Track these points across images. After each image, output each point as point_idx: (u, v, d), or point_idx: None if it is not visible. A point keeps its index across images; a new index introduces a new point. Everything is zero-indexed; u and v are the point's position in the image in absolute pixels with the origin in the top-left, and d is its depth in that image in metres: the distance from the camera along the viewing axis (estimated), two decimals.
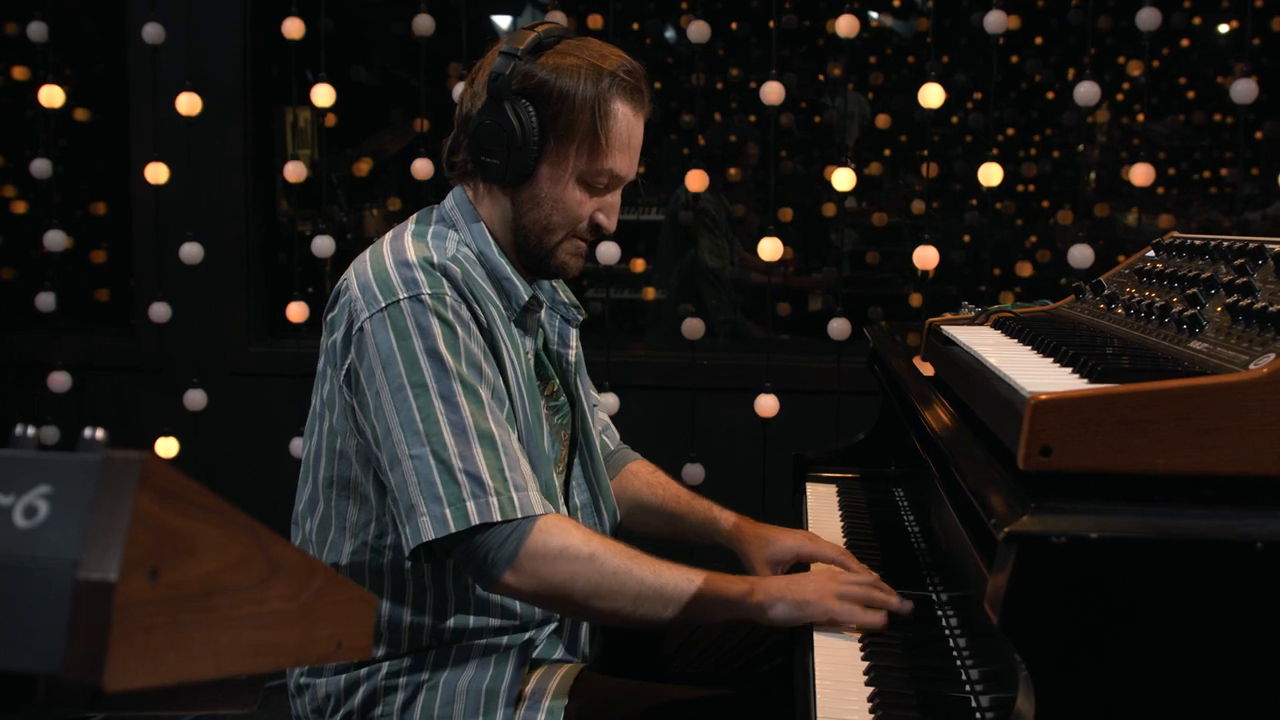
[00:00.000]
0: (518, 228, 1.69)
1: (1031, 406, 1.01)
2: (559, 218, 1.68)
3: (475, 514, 1.49)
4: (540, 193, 1.66)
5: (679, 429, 3.40)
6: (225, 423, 3.73)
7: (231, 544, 0.68)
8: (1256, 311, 1.13)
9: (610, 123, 1.64)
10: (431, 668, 1.65)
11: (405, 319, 1.54)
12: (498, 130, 1.62)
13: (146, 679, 0.59)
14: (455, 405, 1.52)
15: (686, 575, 1.57)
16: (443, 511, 1.49)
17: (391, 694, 1.65)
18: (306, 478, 1.72)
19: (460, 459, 1.51)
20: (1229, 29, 5.46)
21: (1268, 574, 0.93)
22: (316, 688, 1.69)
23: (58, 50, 3.64)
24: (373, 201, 5.21)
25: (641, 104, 1.69)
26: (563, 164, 1.65)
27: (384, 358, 1.54)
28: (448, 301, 1.56)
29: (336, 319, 1.63)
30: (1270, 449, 0.99)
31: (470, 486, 1.50)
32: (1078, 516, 0.95)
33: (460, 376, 1.54)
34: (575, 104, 1.62)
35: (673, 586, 1.56)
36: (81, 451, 0.61)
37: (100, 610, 0.56)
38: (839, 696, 1.39)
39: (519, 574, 1.51)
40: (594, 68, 1.63)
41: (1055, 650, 0.96)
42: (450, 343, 1.54)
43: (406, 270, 1.58)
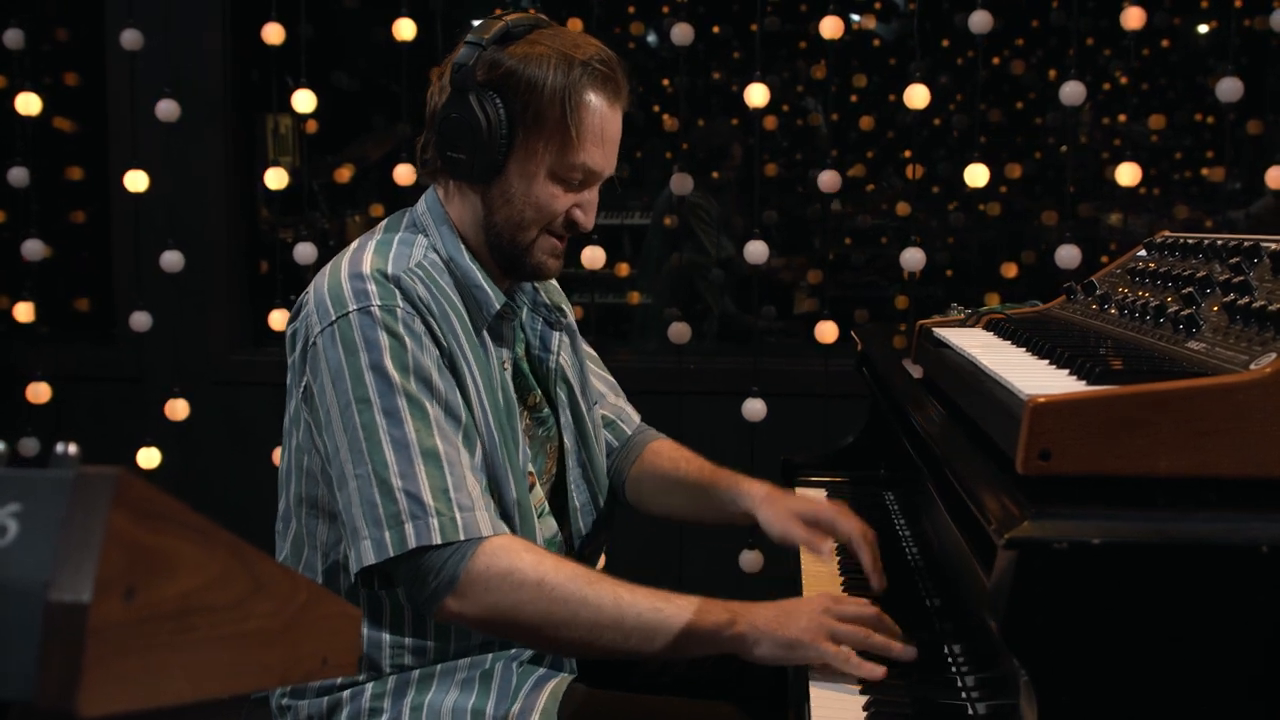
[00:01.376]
0: (489, 226, 1.61)
1: (1030, 409, 0.99)
2: (531, 214, 1.60)
3: (413, 537, 1.43)
4: (511, 189, 1.59)
5: (666, 433, 3.37)
6: (207, 432, 3.69)
7: (210, 561, 0.65)
8: (1255, 311, 1.12)
9: (582, 114, 1.56)
10: (415, 688, 1.60)
11: (353, 332, 1.49)
12: (463, 124, 1.55)
13: (123, 704, 0.57)
14: (399, 421, 1.46)
15: (654, 604, 1.45)
16: (381, 535, 1.43)
17: (375, 717, 1.60)
18: (281, 494, 1.68)
19: (400, 478, 1.44)
20: (1209, 29, 5.48)
21: (1273, 578, 0.92)
22: (299, 710, 1.65)
23: (34, 58, 3.60)
24: (355, 208, 5.18)
25: (616, 95, 1.60)
26: (534, 158, 1.57)
27: (333, 373, 1.49)
28: (398, 314, 1.50)
29: (296, 334, 1.59)
30: (1273, 450, 0.97)
31: (409, 507, 1.43)
32: (1079, 521, 0.93)
33: (405, 391, 1.47)
34: (544, 94, 1.54)
35: (635, 616, 1.44)
36: (53, 467, 0.58)
37: (73, 633, 0.54)
38: (833, 704, 1.37)
39: (461, 600, 1.44)
40: (565, 56, 1.55)
41: (1057, 658, 0.94)
42: (398, 356, 1.48)
43: (359, 282, 1.52)
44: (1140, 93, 5.51)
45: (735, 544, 3.26)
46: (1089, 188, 5.42)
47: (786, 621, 1.44)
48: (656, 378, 3.51)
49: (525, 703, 1.59)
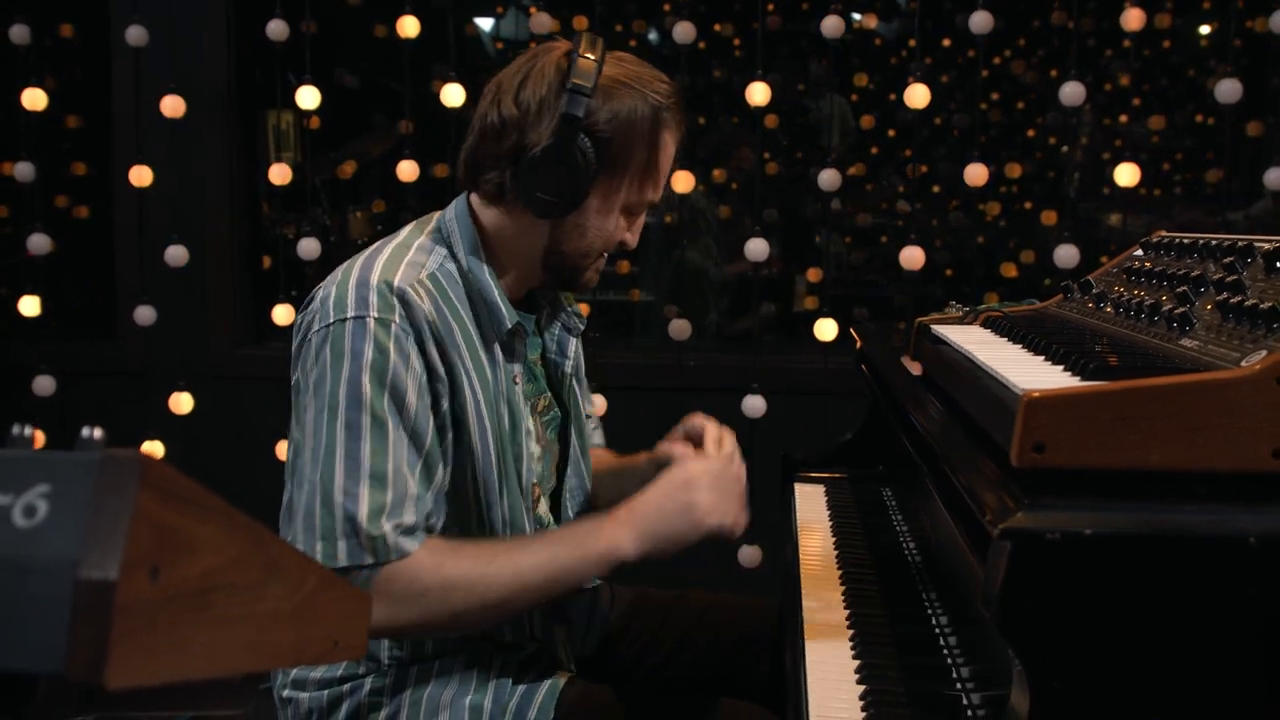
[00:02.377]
0: (554, 252, 1.66)
1: (1025, 404, 1.01)
2: (600, 244, 1.66)
3: (344, 554, 1.47)
4: (586, 222, 1.63)
5: (666, 430, 3.39)
6: (210, 426, 3.71)
7: (229, 543, 0.67)
8: (1247, 309, 1.14)
9: (661, 155, 1.64)
10: (414, 684, 1.63)
11: (344, 339, 1.51)
12: (560, 169, 1.57)
13: (147, 677, 0.59)
14: (357, 436, 1.49)
15: (548, 551, 1.54)
16: (315, 544, 1.47)
17: (375, 710, 1.62)
18: (286, 484, 1.69)
19: (343, 493, 1.47)
20: (1210, 30, 5.50)
21: (1262, 569, 0.94)
22: (300, 701, 1.67)
23: (40, 53, 3.62)
24: (357, 204, 5.20)
25: (683, 128, 1.68)
26: (613, 196, 1.63)
27: (316, 375, 1.52)
28: (391, 329, 1.52)
29: (299, 326, 1.61)
30: (1262, 445, 0.99)
31: (343, 525, 1.47)
32: (1072, 513, 0.95)
33: (372, 409, 1.49)
34: (633, 140, 1.60)
35: (534, 574, 1.52)
36: (80, 451, 0.60)
37: (101, 609, 0.56)
38: (831, 695, 1.39)
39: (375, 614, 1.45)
40: (646, 100, 1.60)
41: (1050, 647, 0.96)
42: (377, 370, 1.50)
43: (364, 290, 1.54)
44: (1142, 93, 5.53)
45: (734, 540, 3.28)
46: (1090, 188, 5.45)
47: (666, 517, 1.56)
48: (657, 374, 3.53)
49: (523, 699, 1.62)
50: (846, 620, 1.65)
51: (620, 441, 2.19)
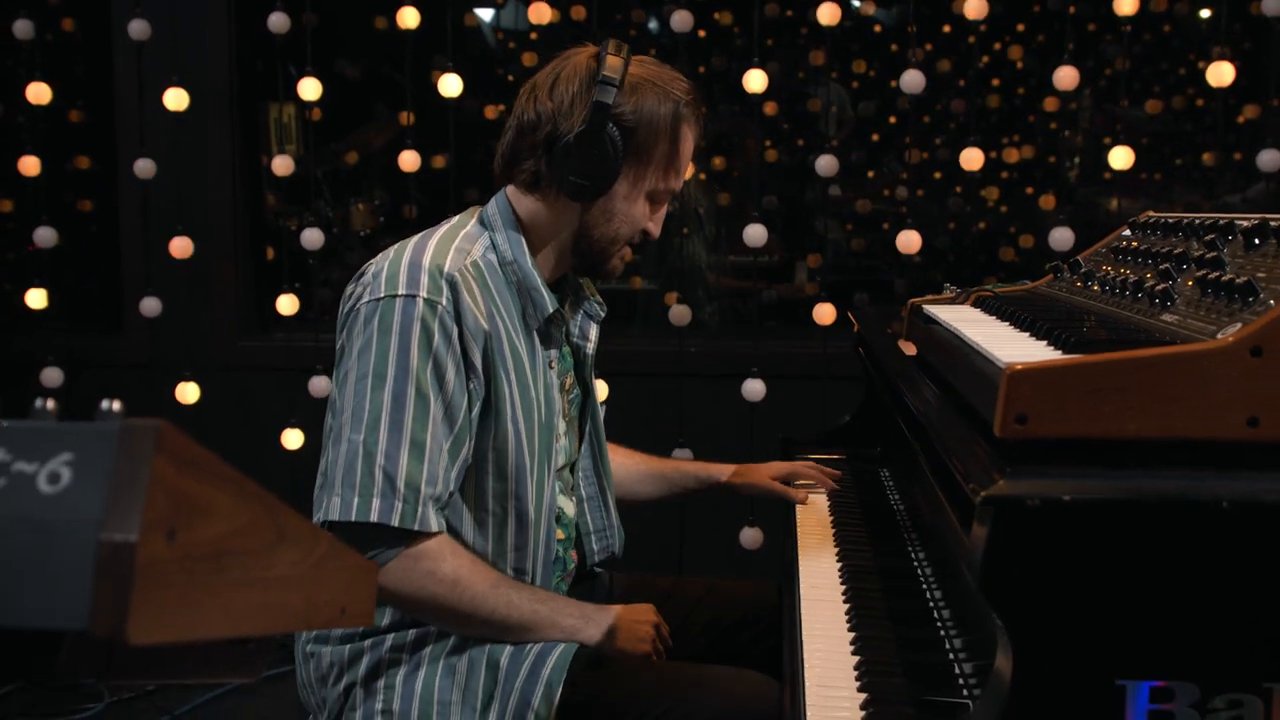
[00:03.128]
0: (584, 237, 1.79)
1: (1007, 376, 1.05)
2: (626, 230, 1.79)
3: (376, 511, 1.59)
4: (613, 207, 1.76)
5: (668, 414, 3.44)
6: (216, 417, 3.75)
7: (242, 510, 0.71)
8: (1224, 284, 1.17)
9: (682, 146, 1.78)
10: (434, 641, 1.71)
11: (393, 314, 1.63)
12: (590, 154, 1.71)
13: (167, 634, 0.63)
14: (402, 406, 1.61)
15: (534, 606, 1.69)
16: (352, 498, 1.59)
17: (395, 667, 1.71)
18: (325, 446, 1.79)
19: (385, 456, 1.60)
20: (1210, 14, 5.51)
21: (1234, 532, 0.97)
22: (321, 656, 1.75)
23: (43, 48, 3.66)
24: (358, 196, 5.23)
25: (701, 123, 1.84)
26: (639, 183, 1.76)
27: (364, 342, 1.64)
28: (438, 310, 1.64)
29: (349, 296, 1.73)
30: (1235, 414, 1.03)
31: (382, 485, 1.59)
32: (1051, 480, 0.99)
33: (418, 382, 1.62)
34: (656, 131, 1.74)
35: (518, 616, 1.67)
36: (99, 421, 0.64)
37: (123, 569, 0.60)
38: (827, 664, 1.43)
39: (386, 578, 1.61)
40: (669, 95, 1.75)
41: (1031, 609, 1.00)
42: (423, 347, 1.62)
43: (416, 270, 1.66)
44: (1141, 77, 5.55)
45: (735, 523, 3.32)
46: (1091, 173, 5.46)
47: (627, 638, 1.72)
48: (658, 360, 3.57)
49: (538, 657, 1.70)
50: (843, 595, 1.69)
51: (623, 426, 2.25)
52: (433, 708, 1.68)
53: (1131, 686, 0.99)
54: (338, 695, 1.73)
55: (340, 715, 1.73)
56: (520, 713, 1.67)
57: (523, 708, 1.67)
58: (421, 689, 1.69)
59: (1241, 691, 0.99)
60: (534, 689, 1.67)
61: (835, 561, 1.84)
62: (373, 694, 1.70)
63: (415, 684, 1.69)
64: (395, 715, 1.69)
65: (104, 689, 3.29)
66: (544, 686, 1.67)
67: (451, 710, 1.68)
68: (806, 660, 1.44)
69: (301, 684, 1.82)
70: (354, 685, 1.72)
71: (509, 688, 1.68)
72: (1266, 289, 1.12)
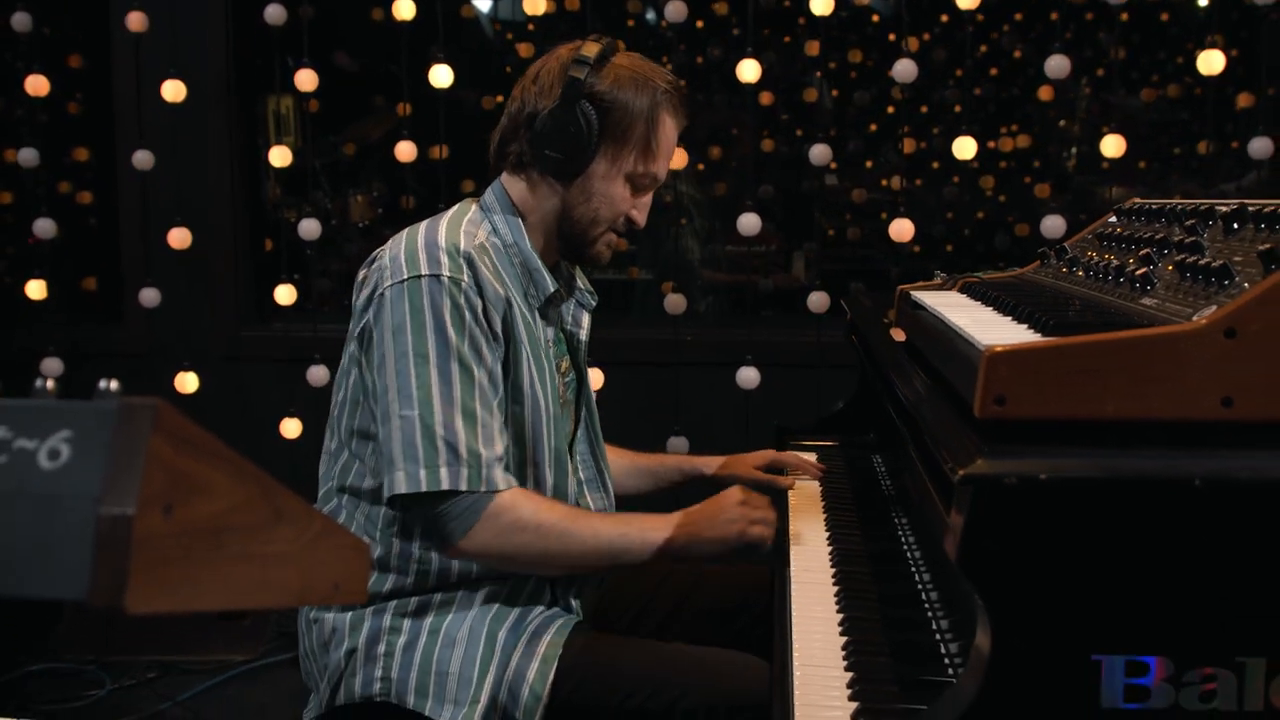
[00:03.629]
0: (566, 218, 1.85)
1: (986, 359, 1.07)
2: (605, 211, 1.84)
3: (446, 479, 1.65)
4: (591, 187, 1.83)
5: (664, 403, 3.46)
6: (215, 406, 3.77)
7: (238, 488, 0.73)
8: (1201, 267, 1.20)
9: (660, 132, 1.83)
10: (435, 612, 1.76)
11: (422, 294, 1.69)
12: (565, 128, 1.78)
13: (163, 604, 0.65)
14: (448, 379, 1.67)
15: (620, 530, 1.76)
16: (418, 471, 1.65)
17: (395, 634, 1.75)
18: (334, 429, 1.87)
19: (443, 427, 1.66)
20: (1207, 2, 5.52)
21: (1207, 509, 1.00)
22: (324, 622, 1.80)
23: (41, 40, 3.67)
24: (356, 187, 5.25)
25: (684, 118, 1.89)
26: (616, 164, 1.82)
27: (396, 324, 1.69)
28: (462, 286, 1.70)
29: (365, 282, 1.78)
30: (1209, 394, 1.05)
31: (446, 454, 1.65)
32: (1028, 459, 1.01)
33: (459, 355, 1.68)
34: (632, 113, 1.80)
35: (607, 543, 1.74)
36: (98, 400, 0.67)
37: (120, 541, 0.62)
38: (815, 643, 1.45)
39: (473, 541, 1.68)
40: (649, 82, 1.82)
41: (1010, 586, 1.02)
42: (456, 324, 1.69)
43: (434, 250, 1.72)
44: (1140, 66, 5.56)
45: None
46: (1089, 162, 5.48)
47: (713, 524, 1.77)
48: (654, 349, 3.59)
49: (536, 631, 1.76)
50: (832, 578, 1.72)
51: (619, 415, 2.28)
52: (430, 677, 1.72)
53: (1107, 661, 1.01)
54: (338, 661, 1.77)
55: (340, 681, 1.77)
56: (515, 686, 1.71)
57: (518, 681, 1.71)
58: (420, 658, 1.73)
59: (1215, 665, 1.01)
60: (530, 663, 1.71)
61: (826, 546, 1.86)
62: (372, 660, 1.75)
63: (415, 653, 1.73)
64: (394, 683, 1.73)
65: (106, 676, 3.32)
66: (539, 662, 1.71)
67: (449, 680, 1.72)
68: (795, 640, 1.46)
69: (304, 654, 1.86)
70: (354, 651, 1.76)
71: (505, 660, 1.72)
72: (1242, 272, 1.15)
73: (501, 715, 1.71)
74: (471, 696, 1.70)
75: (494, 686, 1.71)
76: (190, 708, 3.18)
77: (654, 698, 1.68)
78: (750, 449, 2.30)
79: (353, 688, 1.76)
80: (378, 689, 1.74)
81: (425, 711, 1.71)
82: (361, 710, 1.76)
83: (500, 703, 1.71)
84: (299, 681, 1.94)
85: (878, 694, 1.30)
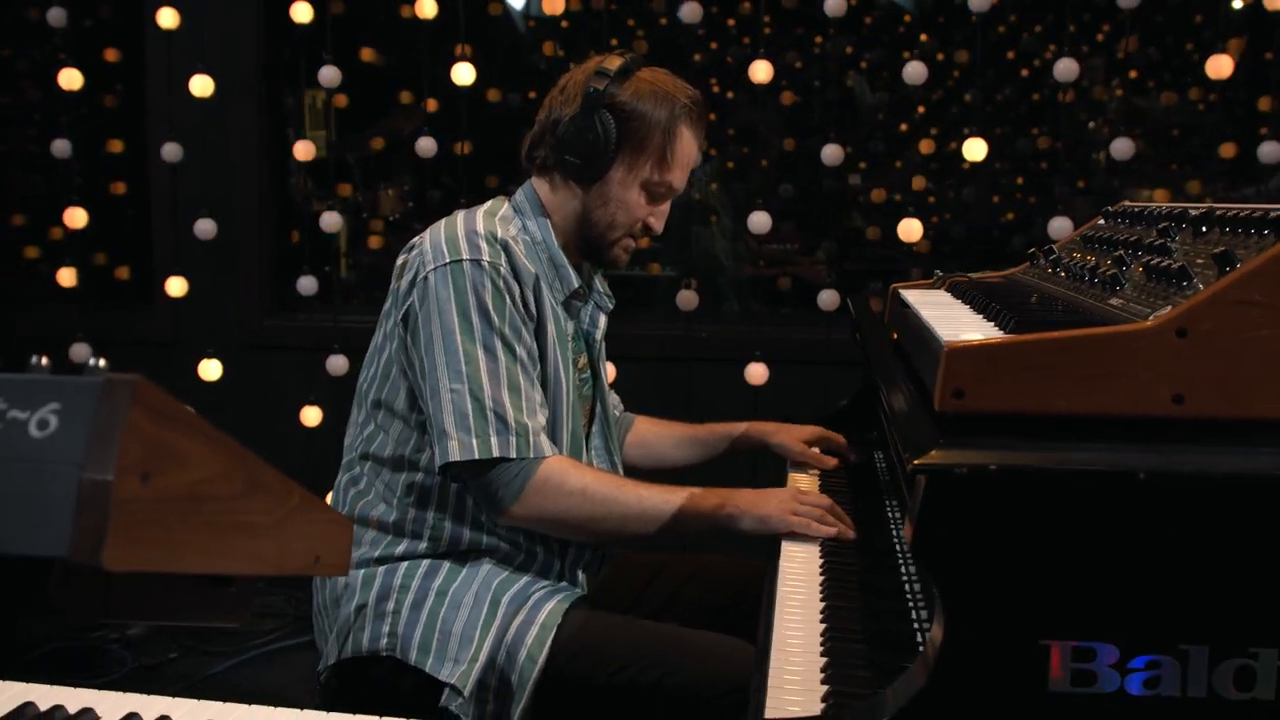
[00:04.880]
0: (585, 220, 1.96)
1: (946, 353, 1.11)
2: (622, 216, 1.95)
3: (496, 447, 1.77)
4: (609, 193, 1.93)
5: (675, 397, 3.51)
6: (239, 393, 3.86)
7: (214, 459, 0.79)
8: (1163, 269, 1.23)
9: (677, 143, 1.93)
10: (444, 574, 1.85)
11: (465, 277, 1.80)
12: (584, 135, 1.89)
13: (140, 563, 0.71)
14: (494, 356, 1.79)
15: (665, 497, 1.84)
16: (470, 440, 1.76)
17: (404, 592, 1.84)
18: (361, 403, 1.97)
19: (491, 400, 1.77)
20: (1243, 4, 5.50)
21: (1150, 501, 1.04)
22: (338, 578, 1.88)
23: (77, 34, 3.77)
24: (387, 181, 5.32)
25: (702, 131, 1.98)
26: (633, 172, 1.92)
27: (441, 305, 1.80)
28: (501, 271, 1.82)
29: (406, 267, 1.88)
30: (1161, 391, 1.09)
31: (496, 424, 1.77)
32: (980, 451, 1.05)
33: (501, 334, 1.80)
34: (650, 124, 1.90)
35: (653, 508, 1.83)
36: (86, 376, 0.73)
37: (99, 505, 0.68)
38: (796, 629, 1.50)
39: (523, 506, 1.79)
40: (669, 96, 1.92)
41: (961, 572, 1.06)
42: (498, 305, 1.80)
43: (474, 237, 1.84)
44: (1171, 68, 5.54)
45: None
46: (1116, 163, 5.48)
47: (761, 502, 1.86)
48: (667, 344, 3.64)
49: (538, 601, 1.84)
50: (820, 568, 1.76)
51: (631, 408, 2.35)
52: (434, 636, 1.79)
53: (1055, 646, 1.05)
54: (348, 615, 1.86)
55: (349, 635, 1.86)
56: (514, 650, 1.78)
57: (517, 645, 1.78)
58: (426, 617, 1.81)
59: (1159, 652, 1.05)
60: (529, 630, 1.79)
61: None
62: (381, 616, 1.83)
63: (421, 612, 1.81)
64: (399, 638, 1.81)
65: (128, 655, 3.40)
66: (538, 629, 1.79)
67: (451, 640, 1.79)
68: (776, 625, 1.51)
69: (316, 610, 1.97)
70: (364, 606, 1.85)
71: (506, 625, 1.80)
72: (1200, 274, 1.18)
73: (498, 676, 1.78)
74: (471, 655, 1.78)
75: (493, 648, 1.79)
76: (209, 686, 3.27)
77: (644, 673, 1.74)
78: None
79: (360, 641, 1.84)
80: (384, 644, 1.82)
81: (426, 668, 1.78)
82: (367, 663, 1.85)
83: (498, 664, 1.78)
84: (315, 663, 2.00)
85: (850, 679, 1.35)
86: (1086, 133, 5.74)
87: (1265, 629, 1.05)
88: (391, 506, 1.88)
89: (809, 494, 1.91)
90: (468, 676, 1.76)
